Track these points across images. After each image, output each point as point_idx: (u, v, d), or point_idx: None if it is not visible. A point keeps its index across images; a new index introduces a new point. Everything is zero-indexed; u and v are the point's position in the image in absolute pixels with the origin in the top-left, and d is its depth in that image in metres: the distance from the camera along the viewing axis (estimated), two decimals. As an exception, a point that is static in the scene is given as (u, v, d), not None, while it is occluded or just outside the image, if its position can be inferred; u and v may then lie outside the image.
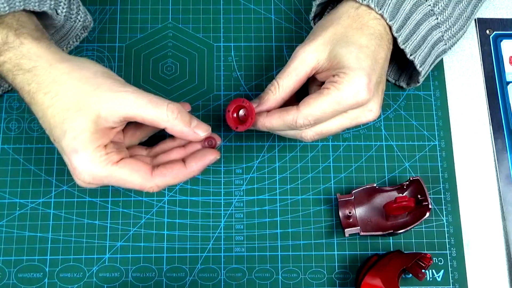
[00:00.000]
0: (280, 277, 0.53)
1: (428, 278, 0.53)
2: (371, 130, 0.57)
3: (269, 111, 0.48)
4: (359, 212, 0.53)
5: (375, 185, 0.53)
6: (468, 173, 0.56)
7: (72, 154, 0.42)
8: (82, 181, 0.43)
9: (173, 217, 0.54)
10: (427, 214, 0.50)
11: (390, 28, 0.49)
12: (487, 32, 0.61)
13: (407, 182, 0.53)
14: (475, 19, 0.61)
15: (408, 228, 0.51)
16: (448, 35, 0.52)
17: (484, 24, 0.61)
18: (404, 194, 0.53)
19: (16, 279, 0.51)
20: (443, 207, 0.55)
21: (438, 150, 0.57)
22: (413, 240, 0.54)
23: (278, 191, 0.55)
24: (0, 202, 0.53)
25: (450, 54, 0.60)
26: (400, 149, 0.57)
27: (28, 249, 0.52)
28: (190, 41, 0.59)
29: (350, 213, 0.53)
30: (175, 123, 0.44)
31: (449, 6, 0.51)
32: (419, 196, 0.52)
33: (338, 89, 0.45)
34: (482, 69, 0.60)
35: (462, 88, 0.59)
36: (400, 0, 0.49)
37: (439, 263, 0.53)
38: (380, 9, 0.48)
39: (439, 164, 0.56)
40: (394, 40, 0.50)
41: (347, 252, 0.53)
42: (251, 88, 0.58)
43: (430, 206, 0.51)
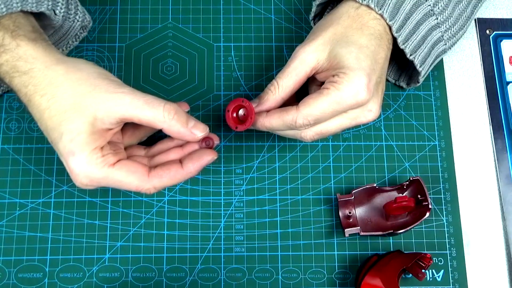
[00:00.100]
0: (280, 277, 0.52)
1: (428, 278, 0.53)
2: (371, 130, 0.57)
3: (269, 111, 0.48)
4: (359, 212, 0.53)
5: (375, 185, 0.53)
6: (468, 173, 0.56)
7: (69, 156, 0.42)
8: (79, 183, 0.43)
9: (173, 217, 0.54)
10: (427, 214, 0.50)
11: (390, 28, 0.49)
12: (487, 32, 0.61)
13: (407, 182, 0.53)
14: (475, 19, 0.61)
15: (408, 228, 0.51)
16: (448, 35, 0.52)
17: (484, 24, 0.61)
18: (404, 194, 0.53)
19: (16, 279, 0.51)
20: (443, 207, 0.55)
21: (438, 150, 0.57)
22: (413, 240, 0.54)
23: (278, 191, 0.55)
24: (0, 202, 0.53)
25: (450, 54, 0.60)
26: (400, 149, 0.57)
27: (28, 249, 0.52)
28: (190, 41, 0.59)
29: (350, 213, 0.53)
30: (172, 124, 0.44)
31: (449, 6, 0.51)
32: (419, 196, 0.52)
33: (338, 89, 0.45)
34: (482, 69, 0.60)
35: (462, 88, 0.59)
36: (400, 0, 0.49)
37: (439, 263, 0.53)
38: (380, 9, 0.48)
39: (439, 164, 0.56)
40: (394, 40, 0.50)
41: (347, 252, 0.53)
42: (251, 88, 0.58)
43: (430, 206, 0.51)
